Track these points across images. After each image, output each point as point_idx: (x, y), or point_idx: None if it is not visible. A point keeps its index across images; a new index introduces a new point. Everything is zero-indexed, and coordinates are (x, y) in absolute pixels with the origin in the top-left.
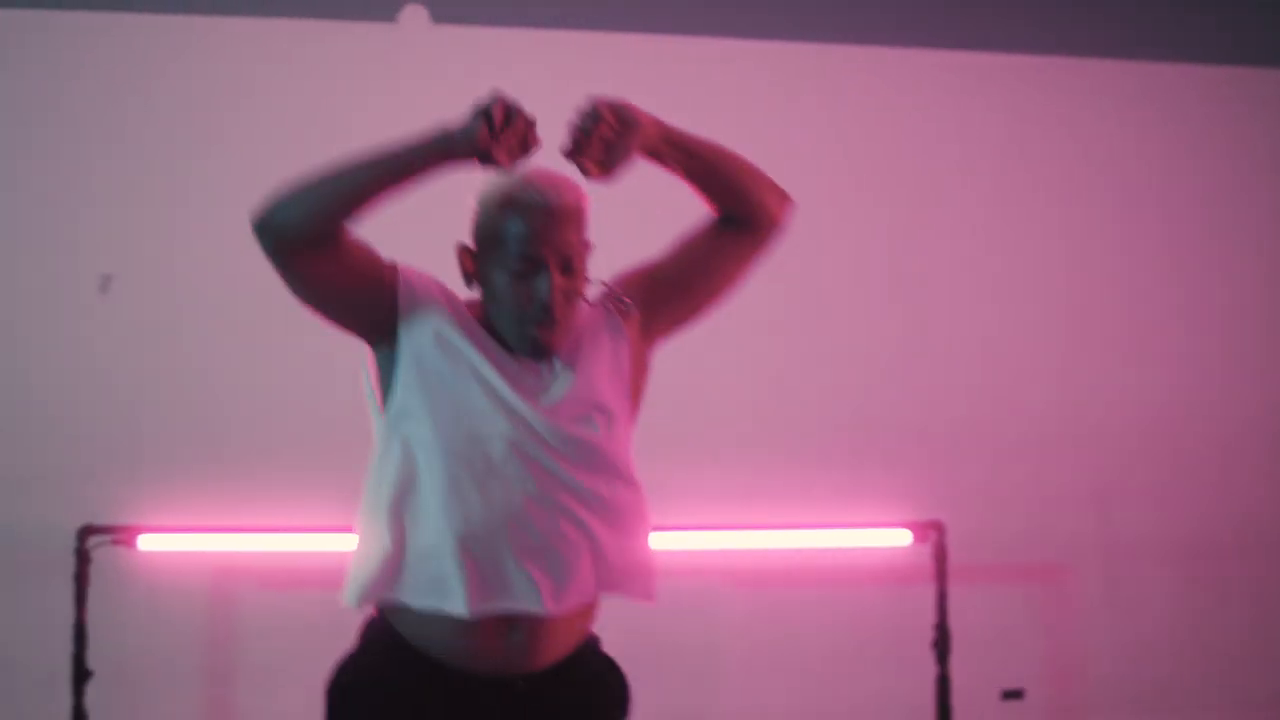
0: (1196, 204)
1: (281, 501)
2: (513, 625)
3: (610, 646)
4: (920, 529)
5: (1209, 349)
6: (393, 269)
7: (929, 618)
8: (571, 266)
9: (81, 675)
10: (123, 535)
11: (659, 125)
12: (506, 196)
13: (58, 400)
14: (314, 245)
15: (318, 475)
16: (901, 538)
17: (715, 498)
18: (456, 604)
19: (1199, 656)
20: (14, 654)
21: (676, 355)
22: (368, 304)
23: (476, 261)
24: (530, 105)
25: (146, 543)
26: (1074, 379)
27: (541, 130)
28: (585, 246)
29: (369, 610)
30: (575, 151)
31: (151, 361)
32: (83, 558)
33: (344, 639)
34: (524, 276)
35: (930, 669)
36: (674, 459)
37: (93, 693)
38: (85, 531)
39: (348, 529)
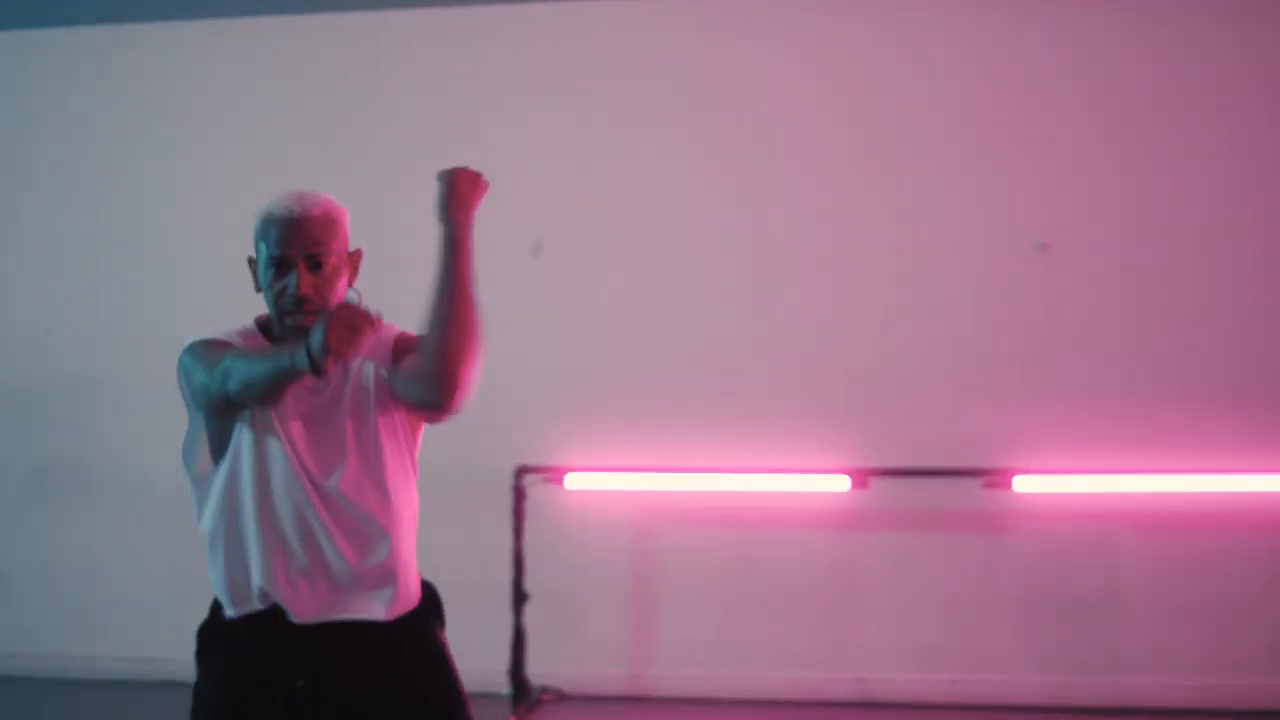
0: None
1: (697, 445)
2: None
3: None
4: None
5: None
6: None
7: None
8: (317, 264)
9: (520, 598)
10: (553, 474)
11: (462, 221)
12: (265, 212)
13: (497, 354)
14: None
15: (729, 421)
16: None
17: (1118, 442)
18: None
19: None
20: (465, 577)
21: (1079, 305)
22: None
23: (254, 270)
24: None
25: (573, 481)
26: None
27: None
28: (336, 250)
29: None
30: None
31: (578, 318)
32: (519, 494)
33: (750, 573)
34: (279, 275)
35: None
36: (1079, 404)
37: (530, 613)
38: (521, 471)
39: (760, 469)
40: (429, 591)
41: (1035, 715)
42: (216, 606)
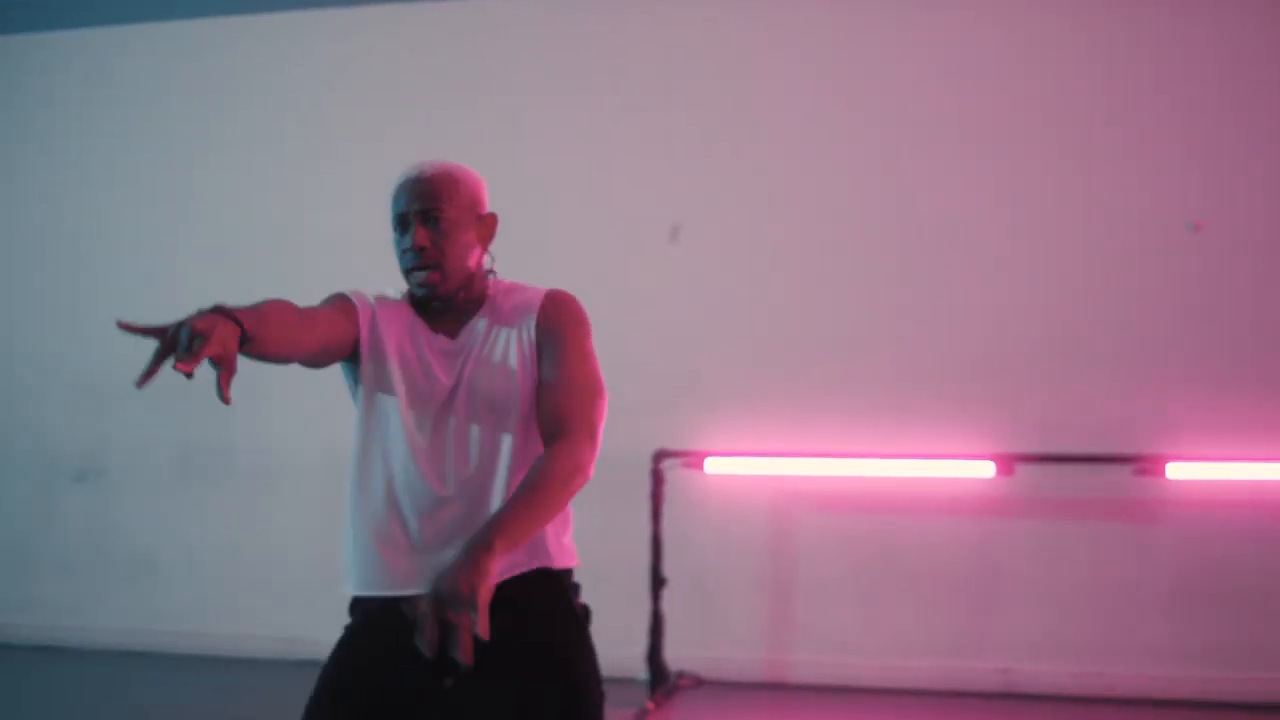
0: None
1: (839, 429)
2: None
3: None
4: None
5: None
6: (350, 316)
7: None
8: (433, 219)
9: (658, 583)
10: (692, 459)
11: (490, 557)
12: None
13: (636, 339)
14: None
15: (872, 406)
16: None
17: (1273, 429)
18: None
19: None
20: (602, 562)
21: (1233, 286)
22: (344, 352)
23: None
24: None
25: (712, 465)
26: None
27: None
28: (456, 206)
29: None
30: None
31: (717, 303)
32: (657, 478)
33: (891, 560)
34: (401, 235)
35: None
36: (1232, 389)
37: (667, 598)
38: (659, 455)
39: (902, 455)
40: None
41: (1183, 710)
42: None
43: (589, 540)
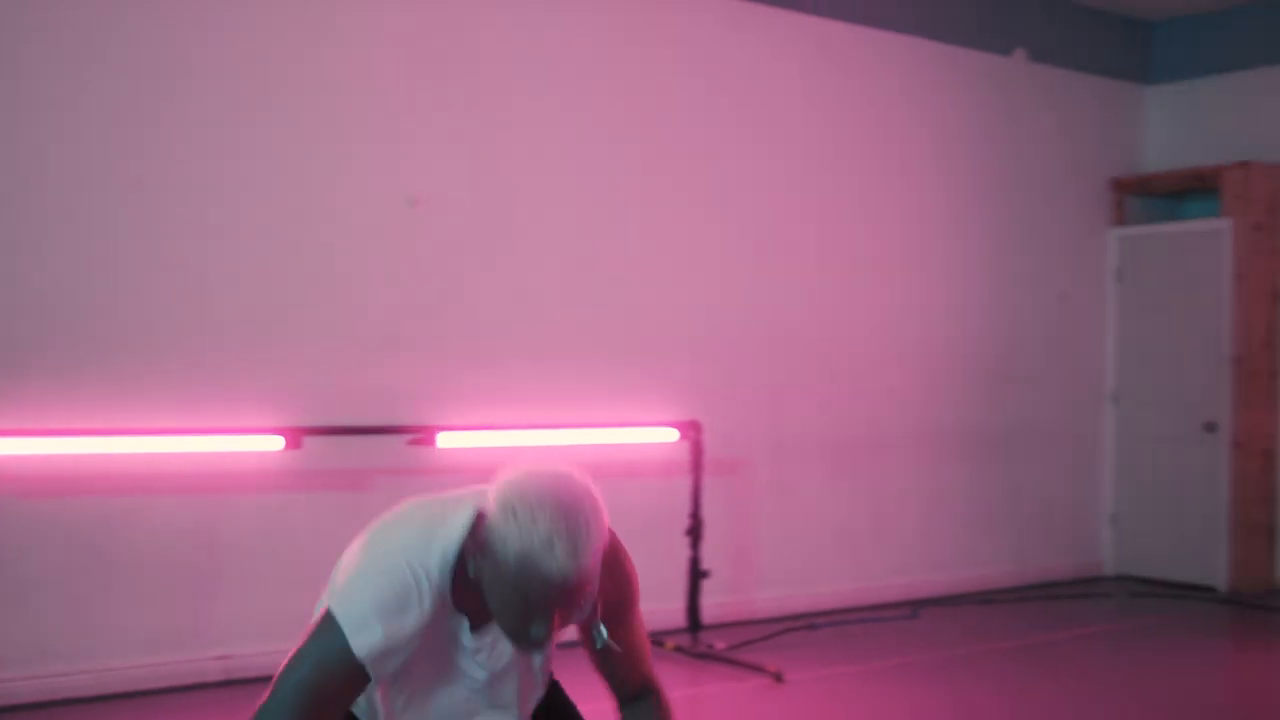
0: (892, 160)
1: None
2: None
3: None
4: (683, 428)
5: (853, 286)
6: (361, 672)
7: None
8: (572, 619)
9: None
10: None
11: None
12: (535, 562)
13: None
14: None
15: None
16: (668, 435)
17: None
18: None
19: (834, 538)
20: None
21: (458, 270)
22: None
23: (484, 565)
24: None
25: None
26: (759, 299)
27: None
28: (591, 599)
29: None
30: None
31: None
32: None
33: (110, 551)
34: (529, 612)
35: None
36: (464, 363)
37: None
38: None
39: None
40: None
41: None
42: None
43: None
